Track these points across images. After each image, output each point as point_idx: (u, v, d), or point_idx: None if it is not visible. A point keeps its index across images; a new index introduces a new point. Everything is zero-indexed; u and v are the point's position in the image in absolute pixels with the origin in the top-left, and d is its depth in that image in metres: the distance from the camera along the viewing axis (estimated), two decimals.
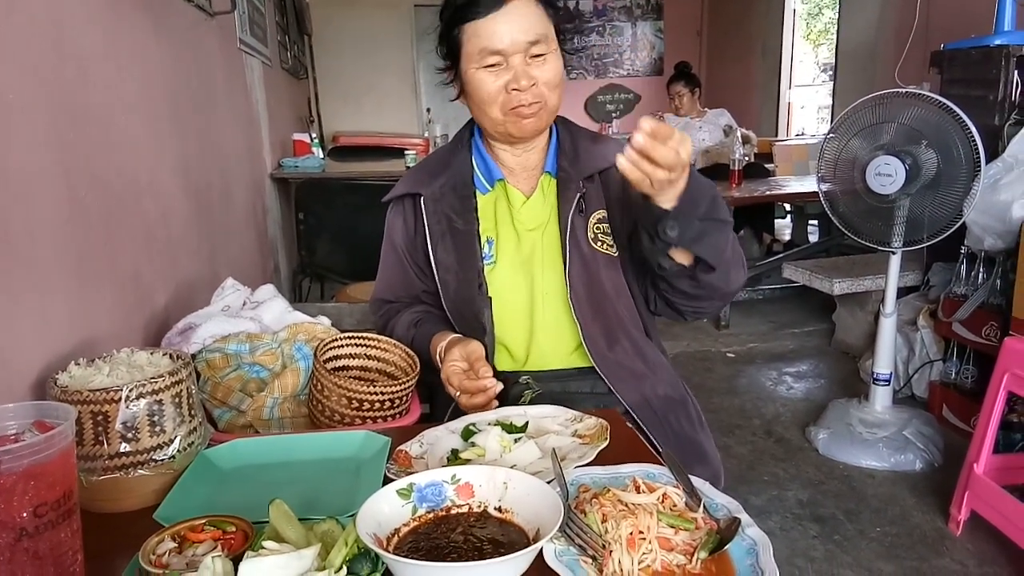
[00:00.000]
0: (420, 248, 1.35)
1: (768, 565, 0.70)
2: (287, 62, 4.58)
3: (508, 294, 1.31)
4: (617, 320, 1.30)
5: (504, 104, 1.21)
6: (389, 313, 1.43)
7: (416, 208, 1.34)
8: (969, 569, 2.01)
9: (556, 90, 1.22)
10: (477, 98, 1.23)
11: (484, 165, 1.34)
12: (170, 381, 0.92)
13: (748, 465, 2.63)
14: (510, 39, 1.16)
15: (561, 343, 1.32)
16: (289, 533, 0.73)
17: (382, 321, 1.44)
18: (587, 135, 1.36)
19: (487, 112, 1.23)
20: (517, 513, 0.79)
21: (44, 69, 1.16)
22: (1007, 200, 2.40)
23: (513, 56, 1.17)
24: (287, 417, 1.26)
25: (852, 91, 3.52)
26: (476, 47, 1.18)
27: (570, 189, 1.28)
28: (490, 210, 1.34)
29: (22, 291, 1.01)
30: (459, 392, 1.16)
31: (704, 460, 1.30)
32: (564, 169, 1.30)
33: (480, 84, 1.21)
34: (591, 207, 1.30)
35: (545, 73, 1.20)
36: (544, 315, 1.31)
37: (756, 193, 3.96)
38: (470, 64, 1.21)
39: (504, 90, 1.20)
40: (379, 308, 1.46)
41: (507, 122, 1.23)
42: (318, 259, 3.40)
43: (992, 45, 2.69)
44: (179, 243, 1.81)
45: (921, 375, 3.01)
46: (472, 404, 1.14)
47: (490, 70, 1.19)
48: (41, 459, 0.62)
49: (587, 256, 1.28)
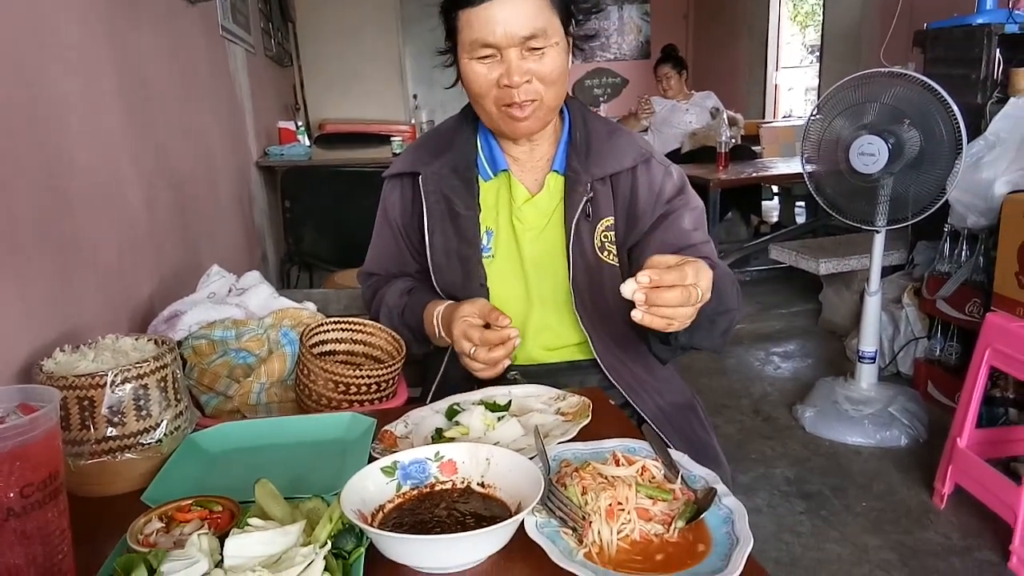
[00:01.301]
0: (416, 228, 1.29)
1: (743, 532, 0.71)
2: (271, 49, 4.55)
3: (503, 291, 1.26)
4: (625, 330, 1.24)
5: (497, 99, 1.14)
6: (379, 283, 1.37)
7: (415, 187, 1.27)
8: (953, 541, 2.05)
9: (554, 86, 1.14)
10: (470, 90, 1.17)
11: (489, 150, 1.27)
12: (155, 366, 0.93)
13: (736, 444, 2.66)
14: (503, 31, 1.08)
15: (555, 343, 1.28)
16: (275, 511, 0.74)
17: (370, 291, 1.38)
18: (603, 129, 1.27)
19: (482, 105, 1.17)
20: (499, 488, 0.80)
21: (22, 57, 1.16)
22: (989, 178, 2.43)
23: (508, 49, 1.10)
24: (274, 402, 1.27)
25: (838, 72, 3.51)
26: (469, 37, 1.11)
27: (577, 192, 1.21)
28: (492, 199, 1.27)
29: (4, 278, 1.02)
30: (479, 346, 1.06)
31: (716, 461, 1.25)
32: (573, 168, 1.22)
33: (473, 75, 1.14)
34: (599, 213, 1.22)
35: (542, 67, 1.11)
36: (542, 318, 1.26)
37: (743, 175, 3.98)
38: (464, 54, 1.14)
39: (496, 84, 1.13)
40: (367, 280, 1.40)
41: (501, 120, 1.17)
42: (305, 247, 3.39)
43: (974, 24, 2.70)
44: (164, 232, 1.81)
45: (906, 352, 3.04)
46: (491, 358, 1.06)
47: (483, 62, 1.12)
48: (26, 440, 0.63)
49: (592, 265, 1.22)
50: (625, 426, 1.02)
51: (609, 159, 1.22)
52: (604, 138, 1.25)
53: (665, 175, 1.25)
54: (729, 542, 0.71)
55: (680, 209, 1.24)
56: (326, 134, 5.31)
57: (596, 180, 1.21)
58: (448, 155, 1.26)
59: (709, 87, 5.13)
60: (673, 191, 1.24)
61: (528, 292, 1.26)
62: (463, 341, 1.08)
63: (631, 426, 1.03)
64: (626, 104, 6.42)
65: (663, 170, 1.25)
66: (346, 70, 6.64)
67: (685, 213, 1.23)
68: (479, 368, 1.08)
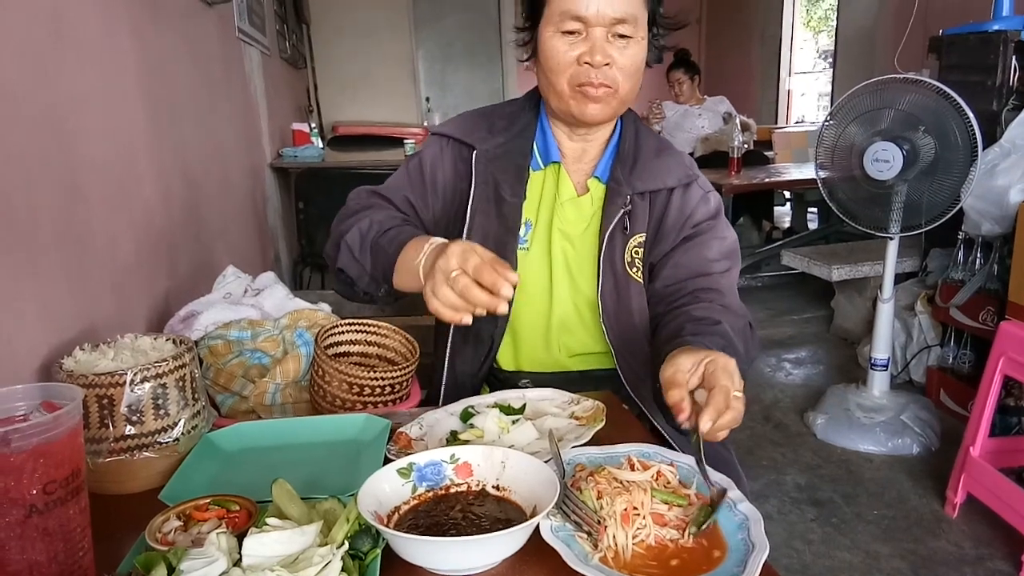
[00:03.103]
0: (452, 200, 1.23)
1: (759, 539, 0.71)
2: (286, 51, 4.58)
3: (530, 286, 1.22)
4: (647, 348, 1.19)
5: (573, 77, 1.11)
6: (378, 203, 1.22)
7: (464, 159, 1.22)
8: (965, 551, 2.03)
9: (631, 79, 1.12)
10: (547, 65, 1.13)
11: (543, 139, 1.23)
12: (173, 365, 0.94)
13: (747, 450, 2.65)
14: (596, 8, 1.06)
15: (575, 348, 1.25)
16: (292, 511, 0.75)
17: (362, 204, 1.21)
18: (653, 144, 1.24)
19: (554, 82, 1.13)
20: (514, 491, 0.80)
21: (43, 56, 1.17)
22: (1004, 185, 2.41)
23: (595, 28, 1.07)
24: (289, 403, 1.27)
25: (852, 78, 3.51)
26: (559, 8, 1.08)
27: (616, 204, 1.18)
28: (537, 190, 1.23)
29: (24, 276, 1.03)
30: (467, 273, 0.86)
31: (736, 477, 1.19)
32: (616, 179, 1.20)
33: (553, 50, 1.10)
34: (635, 228, 1.20)
35: (624, 57, 1.10)
36: (561, 321, 1.23)
37: (755, 180, 3.97)
38: (548, 26, 1.11)
39: (576, 62, 1.10)
40: (369, 196, 1.24)
41: (572, 99, 1.13)
42: (318, 248, 3.40)
43: (990, 30, 2.69)
44: (179, 232, 1.82)
45: (919, 360, 3.02)
46: (470, 294, 0.85)
47: (567, 37, 1.09)
48: (49, 438, 0.63)
49: (620, 278, 1.20)
50: (639, 431, 1.02)
51: (653, 175, 1.20)
52: (652, 154, 1.22)
53: (701, 200, 1.22)
54: (745, 548, 0.71)
55: (706, 235, 1.20)
56: (339, 136, 5.33)
57: (636, 194, 1.19)
58: (505, 135, 1.22)
59: (721, 92, 5.12)
60: (704, 216, 1.21)
61: (552, 292, 1.23)
62: (453, 259, 0.87)
63: (644, 431, 1.03)
64: (638, 109, 6.40)
65: (701, 195, 1.22)
66: (359, 72, 6.66)
67: (712, 241, 1.20)
68: (446, 300, 0.87)
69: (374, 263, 1.08)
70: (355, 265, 1.11)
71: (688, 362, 0.85)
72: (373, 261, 1.08)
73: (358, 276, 1.12)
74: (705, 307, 1.10)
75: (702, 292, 1.14)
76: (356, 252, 1.11)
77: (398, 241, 1.05)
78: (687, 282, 1.16)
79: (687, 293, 1.15)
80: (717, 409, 0.78)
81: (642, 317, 1.20)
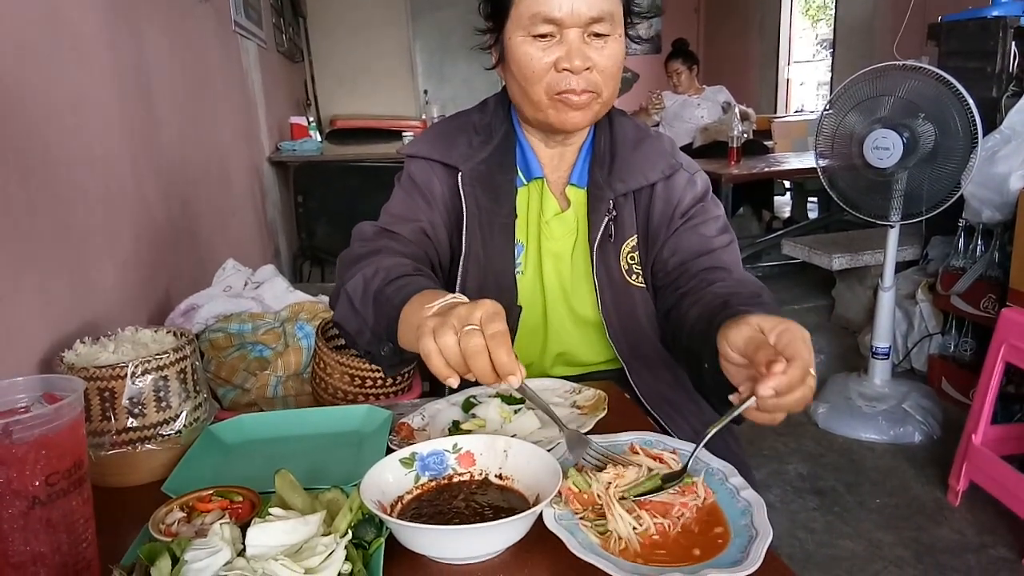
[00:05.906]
0: (452, 219, 1.13)
1: (762, 525, 0.71)
2: (283, 45, 4.56)
3: (528, 314, 1.14)
4: (662, 356, 1.15)
5: (550, 86, 1.02)
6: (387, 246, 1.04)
7: (452, 181, 1.11)
8: (968, 538, 2.04)
9: (612, 80, 1.04)
10: (520, 74, 1.03)
11: (523, 154, 1.14)
12: (175, 357, 0.94)
13: (748, 440, 2.65)
14: (570, 8, 0.97)
15: (574, 363, 1.21)
16: (295, 501, 0.75)
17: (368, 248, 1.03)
18: (630, 137, 1.14)
19: (529, 92, 1.03)
20: (517, 480, 0.80)
21: (39, 51, 1.16)
22: (1004, 172, 2.41)
23: (570, 29, 0.99)
24: (291, 395, 1.27)
25: (851, 66, 3.50)
26: (528, 10, 0.99)
27: (599, 211, 1.10)
28: (523, 209, 1.14)
29: (24, 270, 1.03)
30: (483, 333, 0.70)
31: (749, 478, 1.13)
32: (596, 183, 1.11)
33: (526, 58, 1.01)
34: (623, 233, 1.11)
35: (604, 58, 1.01)
36: (557, 346, 1.17)
37: (755, 170, 3.96)
38: (517, 31, 1.01)
39: (553, 68, 1.01)
40: (376, 236, 1.09)
41: (551, 108, 1.03)
42: (318, 242, 3.41)
43: (990, 16, 2.68)
44: (179, 225, 1.82)
45: (920, 348, 3.02)
46: (478, 361, 0.70)
47: (540, 41, 1.00)
48: (51, 429, 0.63)
49: (620, 289, 1.12)
50: (640, 419, 1.02)
51: (634, 172, 1.11)
52: (630, 148, 1.13)
53: (688, 185, 1.13)
54: (748, 534, 0.71)
55: (699, 217, 1.12)
56: (337, 129, 5.32)
57: (619, 196, 1.11)
58: (485, 150, 1.12)
59: (720, 81, 5.11)
60: (692, 201, 1.13)
61: (546, 316, 1.16)
62: (479, 311, 0.72)
63: (645, 420, 1.03)
64: (637, 99, 6.39)
65: (687, 179, 1.14)
66: (357, 65, 6.65)
67: (708, 221, 1.12)
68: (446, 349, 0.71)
69: (376, 316, 0.90)
70: (355, 318, 0.94)
71: (768, 323, 0.75)
72: (376, 313, 0.91)
73: (357, 331, 0.94)
74: (724, 285, 1.01)
75: (707, 272, 1.06)
76: (357, 302, 0.93)
77: (407, 291, 0.87)
78: (690, 263, 1.08)
79: (692, 276, 1.07)
80: (791, 382, 0.69)
81: (653, 325, 1.14)
